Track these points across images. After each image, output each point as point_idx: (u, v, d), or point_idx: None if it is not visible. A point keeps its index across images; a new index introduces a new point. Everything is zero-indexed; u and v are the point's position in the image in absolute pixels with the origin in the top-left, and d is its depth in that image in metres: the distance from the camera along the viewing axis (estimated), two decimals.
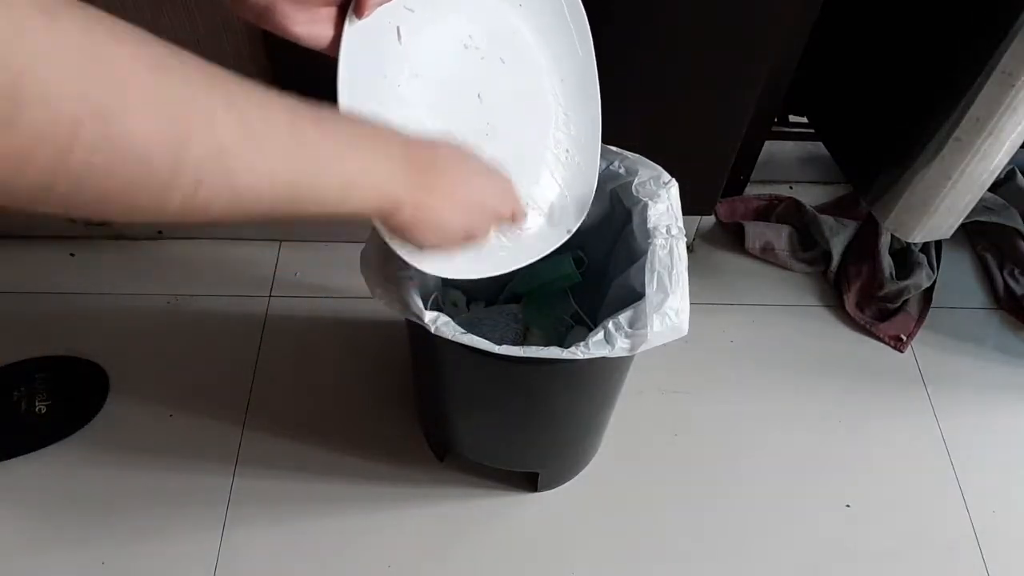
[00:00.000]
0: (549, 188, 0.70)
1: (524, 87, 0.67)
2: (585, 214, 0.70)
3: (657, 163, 0.78)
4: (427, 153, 0.49)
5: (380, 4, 0.53)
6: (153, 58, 0.32)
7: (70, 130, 0.28)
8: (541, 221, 0.69)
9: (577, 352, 0.66)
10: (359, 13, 0.53)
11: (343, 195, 0.43)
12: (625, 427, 1.03)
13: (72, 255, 1.20)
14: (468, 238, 0.55)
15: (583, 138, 0.70)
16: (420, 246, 0.52)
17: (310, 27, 0.52)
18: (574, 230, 0.69)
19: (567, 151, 0.70)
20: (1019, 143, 0.90)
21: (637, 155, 0.78)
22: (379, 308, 0.75)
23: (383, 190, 0.45)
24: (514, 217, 0.59)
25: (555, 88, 0.68)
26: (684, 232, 0.74)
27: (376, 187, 0.45)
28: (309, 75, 0.53)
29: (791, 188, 1.34)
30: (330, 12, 0.53)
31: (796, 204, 1.29)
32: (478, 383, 0.82)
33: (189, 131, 0.33)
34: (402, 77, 0.58)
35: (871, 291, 1.21)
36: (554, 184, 0.70)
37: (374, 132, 0.46)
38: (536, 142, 0.69)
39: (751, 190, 1.31)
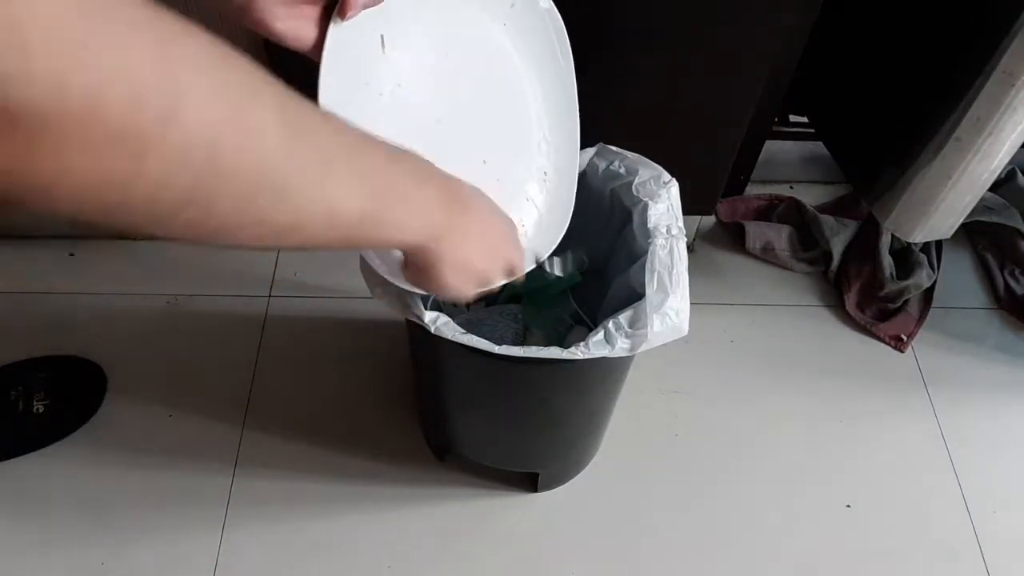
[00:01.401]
0: (527, 211, 0.69)
1: (507, 106, 0.67)
2: (560, 238, 0.69)
3: (657, 163, 0.78)
4: (459, 188, 0.48)
5: (365, 6, 0.52)
6: (259, 72, 0.33)
7: (215, 132, 0.29)
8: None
9: (577, 352, 0.66)
10: (343, 14, 0.51)
11: (403, 222, 0.42)
12: (625, 427, 1.03)
13: (72, 255, 1.20)
14: (483, 284, 0.53)
15: (562, 161, 0.70)
16: (439, 288, 0.50)
17: (292, 24, 0.51)
18: (544, 257, 0.69)
19: (545, 173, 0.70)
20: (1019, 143, 0.90)
21: (637, 155, 0.78)
22: (379, 308, 0.75)
23: (429, 222, 0.45)
24: (516, 268, 0.57)
25: (537, 109, 0.68)
26: (684, 232, 0.74)
27: (424, 218, 0.44)
28: (306, 72, 0.53)
29: (791, 188, 1.34)
30: (314, 11, 0.52)
31: (796, 204, 1.28)
32: (478, 383, 0.82)
33: (301, 138, 0.34)
34: (385, 87, 0.57)
35: (871, 291, 1.21)
36: (533, 208, 0.70)
37: (418, 161, 0.45)
38: (518, 163, 0.68)
39: (751, 190, 1.31)
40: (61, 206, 0.28)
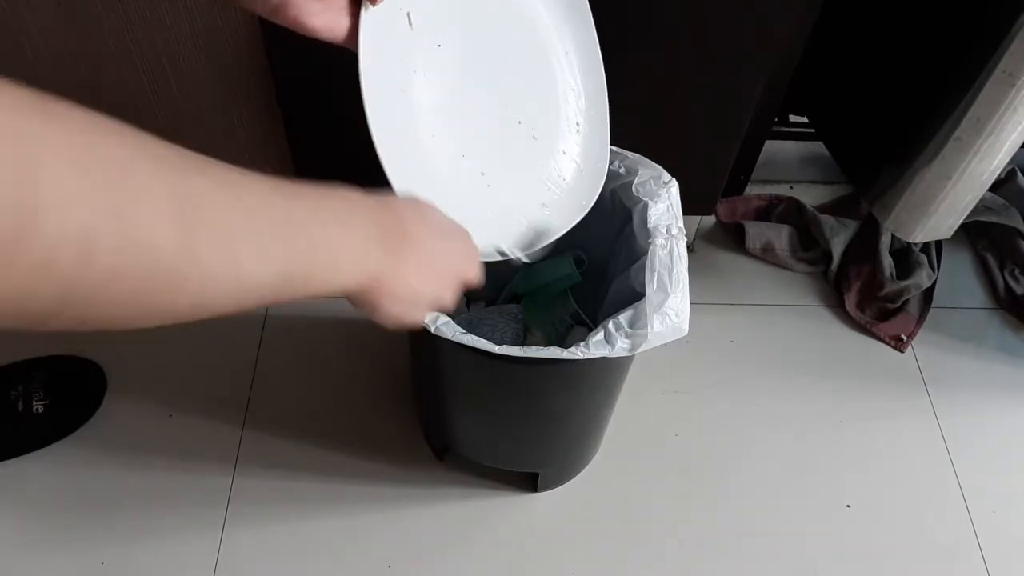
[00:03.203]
0: (565, 164, 0.70)
1: (536, 61, 0.68)
2: (600, 187, 0.70)
3: (657, 163, 0.78)
4: (394, 218, 0.46)
5: None
6: (148, 150, 0.30)
7: (87, 235, 0.26)
8: (559, 197, 0.69)
9: (577, 352, 0.66)
10: (373, 0, 0.53)
11: (333, 275, 0.40)
12: (625, 427, 1.03)
13: None
14: (434, 307, 0.51)
15: (592, 110, 0.71)
16: (385, 320, 0.47)
17: (327, 18, 0.52)
18: (592, 204, 0.70)
19: (578, 124, 0.70)
20: (1019, 143, 0.90)
21: (637, 155, 0.78)
22: None
23: (365, 265, 0.42)
24: (473, 278, 0.55)
25: (562, 61, 0.69)
26: (684, 232, 0.74)
27: (360, 263, 0.42)
28: (306, 72, 0.53)
29: (791, 188, 1.34)
30: (343, 2, 0.53)
31: (796, 204, 1.28)
32: (478, 383, 0.82)
33: (197, 222, 0.31)
34: (417, 63, 0.59)
35: (871, 291, 1.21)
36: (570, 160, 0.70)
37: (346, 201, 0.43)
38: (551, 118, 0.69)
39: (751, 190, 1.31)
40: None
